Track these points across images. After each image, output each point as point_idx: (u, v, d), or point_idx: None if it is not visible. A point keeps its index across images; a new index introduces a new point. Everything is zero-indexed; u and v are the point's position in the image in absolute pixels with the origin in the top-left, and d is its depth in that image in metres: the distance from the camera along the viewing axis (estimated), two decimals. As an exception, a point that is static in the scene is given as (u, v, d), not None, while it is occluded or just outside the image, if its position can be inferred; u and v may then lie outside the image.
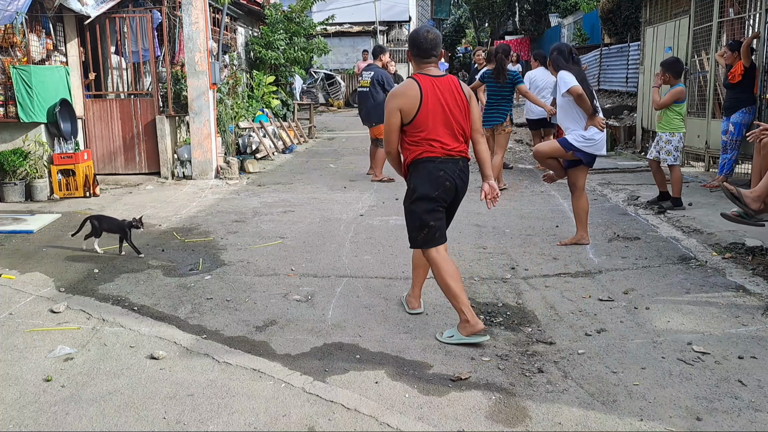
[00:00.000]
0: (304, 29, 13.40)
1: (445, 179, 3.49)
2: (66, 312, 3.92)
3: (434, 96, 3.49)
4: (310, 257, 5.04)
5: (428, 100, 3.47)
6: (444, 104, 3.50)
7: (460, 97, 3.55)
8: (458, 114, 3.53)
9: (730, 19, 8.21)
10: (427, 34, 3.57)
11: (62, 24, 8.25)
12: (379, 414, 2.72)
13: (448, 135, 3.51)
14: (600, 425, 2.64)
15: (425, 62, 3.58)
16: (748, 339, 3.42)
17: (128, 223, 5.11)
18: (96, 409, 2.79)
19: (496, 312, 3.87)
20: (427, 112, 3.48)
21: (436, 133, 3.49)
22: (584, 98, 4.97)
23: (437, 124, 3.49)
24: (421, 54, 3.56)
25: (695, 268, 4.61)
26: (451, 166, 3.51)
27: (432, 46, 3.55)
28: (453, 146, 3.51)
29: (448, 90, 3.53)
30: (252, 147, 10.53)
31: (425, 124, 3.48)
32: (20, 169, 7.52)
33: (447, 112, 3.50)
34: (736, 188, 4.36)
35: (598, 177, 8.55)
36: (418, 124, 3.49)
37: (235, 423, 2.67)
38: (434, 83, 3.51)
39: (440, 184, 3.48)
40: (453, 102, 3.52)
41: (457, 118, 3.52)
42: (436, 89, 3.50)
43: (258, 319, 3.80)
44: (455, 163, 3.52)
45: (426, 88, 3.48)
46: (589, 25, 19.07)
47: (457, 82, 3.60)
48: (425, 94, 3.47)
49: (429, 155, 3.49)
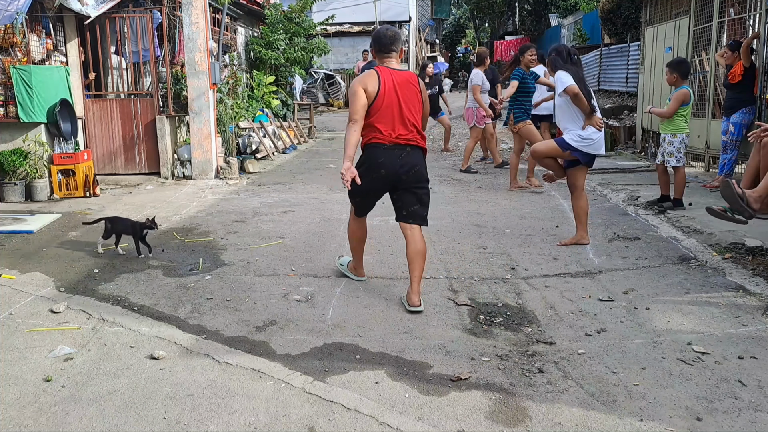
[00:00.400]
0: (304, 29, 13.39)
1: (382, 167, 3.91)
2: (66, 312, 3.92)
3: (390, 86, 3.89)
4: (310, 257, 5.04)
5: (385, 89, 3.88)
6: (398, 95, 3.90)
7: (416, 90, 3.99)
8: (411, 105, 3.94)
9: (730, 19, 8.20)
10: (387, 32, 4.04)
11: (62, 24, 8.26)
12: (379, 414, 2.72)
13: (398, 123, 3.91)
14: (600, 425, 2.64)
15: (386, 56, 4.02)
16: (748, 339, 3.42)
17: (141, 223, 5.09)
18: (96, 409, 2.79)
19: (496, 312, 3.87)
20: (383, 99, 3.88)
21: (387, 120, 3.89)
22: (581, 98, 4.97)
23: (390, 112, 3.89)
24: (381, 49, 4.01)
25: (695, 268, 4.61)
26: (396, 152, 3.91)
27: (391, 41, 3.99)
28: (401, 133, 3.92)
29: (405, 82, 3.95)
30: (252, 147, 10.53)
31: (379, 110, 3.88)
32: (20, 169, 7.52)
33: (400, 101, 3.90)
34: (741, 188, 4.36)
35: (598, 177, 8.55)
36: (373, 109, 3.89)
37: (235, 423, 2.67)
38: (392, 75, 3.93)
39: (376, 171, 3.93)
40: (408, 94, 3.94)
41: (410, 109, 3.94)
42: (393, 81, 3.92)
43: (258, 319, 3.80)
44: (401, 148, 3.92)
45: (384, 78, 3.90)
46: (589, 25, 19.07)
47: (414, 77, 4.03)
48: (383, 83, 3.88)
49: (376, 141, 3.93)
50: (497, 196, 7.47)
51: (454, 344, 3.41)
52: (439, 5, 34.41)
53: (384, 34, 4.04)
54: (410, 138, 3.92)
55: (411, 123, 3.93)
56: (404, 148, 3.91)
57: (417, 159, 3.96)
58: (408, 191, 3.97)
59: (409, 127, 3.92)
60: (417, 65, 27.00)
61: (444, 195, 7.52)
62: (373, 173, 3.92)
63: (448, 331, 3.58)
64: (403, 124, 3.91)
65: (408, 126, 3.92)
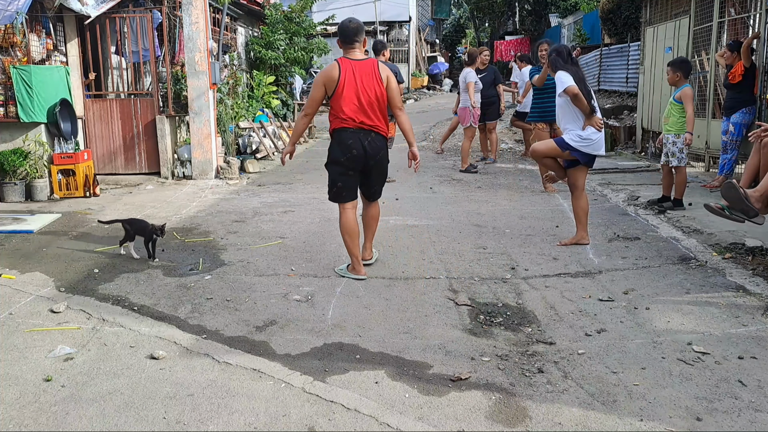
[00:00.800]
0: (304, 29, 13.40)
1: (352, 147, 4.24)
2: (66, 312, 3.92)
3: (351, 76, 4.21)
4: (310, 257, 5.04)
5: (345, 80, 4.21)
6: (359, 84, 4.22)
7: (377, 78, 4.25)
8: (372, 92, 4.24)
9: (730, 19, 8.20)
10: (350, 24, 4.33)
11: (62, 24, 8.26)
12: (379, 414, 2.72)
13: (359, 110, 4.24)
14: (600, 425, 2.64)
15: (349, 47, 4.33)
16: (748, 339, 3.42)
17: (152, 228, 5.01)
18: (96, 408, 2.79)
19: (496, 312, 3.87)
20: (343, 89, 4.22)
21: (350, 108, 4.24)
22: (580, 98, 4.98)
23: (352, 100, 4.23)
24: (345, 41, 4.32)
25: (695, 268, 4.61)
26: (362, 135, 4.25)
27: (353, 33, 4.29)
28: (363, 120, 4.25)
29: (366, 72, 4.25)
30: (252, 147, 10.53)
31: (341, 99, 4.23)
32: (20, 169, 7.52)
33: (361, 90, 4.22)
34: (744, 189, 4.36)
35: (598, 177, 8.54)
36: (336, 98, 4.24)
37: (235, 423, 2.67)
38: (353, 66, 4.25)
39: (347, 151, 4.26)
40: (369, 82, 4.24)
41: (370, 96, 4.24)
42: (354, 71, 4.23)
43: (258, 319, 3.80)
44: (366, 133, 4.26)
45: (345, 69, 4.23)
46: (589, 25, 19.06)
47: (375, 65, 4.29)
48: (343, 74, 4.22)
49: (342, 126, 4.27)
50: (497, 196, 7.47)
51: (454, 344, 3.41)
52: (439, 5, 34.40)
53: (347, 26, 4.32)
54: (372, 125, 4.27)
55: (372, 110, 4.25)
56: (369, 133, 4.27)
57: (382, 144, 4.35)
58: (374, 174, 4.44)
59: (371, 115, 4.25)
60: (417, 65, 27.02)
61: (444, 195, 7.51)
62: (346, 152, 4.26)
63: (448, 331, 3.58)
64: (364, 112, 4.24)
65: (369, 113, 4.25)
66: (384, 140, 4.38)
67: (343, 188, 4.38)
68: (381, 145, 4.34)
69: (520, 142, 12.23)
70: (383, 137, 4.36)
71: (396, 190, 7.69)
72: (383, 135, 4.36)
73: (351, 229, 4.43)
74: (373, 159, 4.31)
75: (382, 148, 4.37)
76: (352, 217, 4.44)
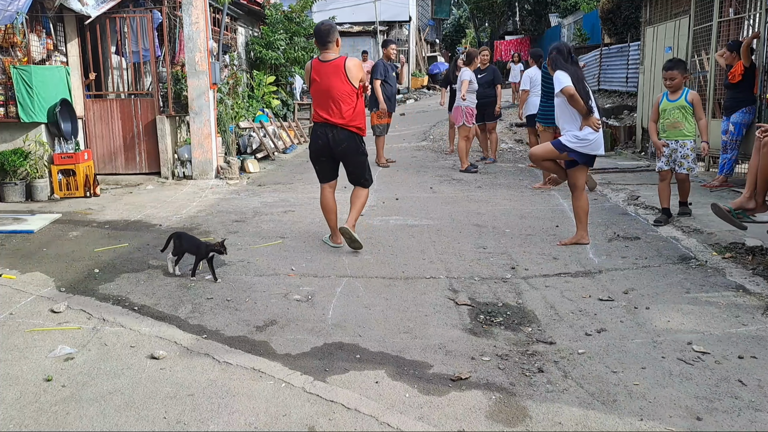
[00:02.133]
0: (304, 29, 13.40)
1: (318, 138, 5.01)
2: (66, 312, 3.93)
3: (317, 76, 4.84)
4: (311, 257, 5.04)
5: (314, 79, 4.85)
6: (323, 83, 4.80)
7: (341, 77, 4.78)
8: (335, 91, 4.79)
9: (729, 19, 8.20)
10: (322, 27, 4.86)
11: (62, 24, 8.26)
12: (380, 414, 2.72)
13: (323, 107, 4.89)
14: (600, 425, 2.64)
15: (324, 48, 4.87)
16: (748, 339, 3.42)
17: (211, 246, 4.56)
18: (96, 408, 2.79)
19: (497, 312, 3.87)
20: (311, 87, 4.95)
21: (317, 104, 4.93)
22: (576, 98, 4.96)
23: (318, 97, 4.90)
24: (319, 41, 4.88)
25: (695, 268, 4.61)
26: (326, 129, 4.93)
27: (325, 34, 4.80)
28: (326, 117, 4.89)
29: (332, 71, 4.79)
30: (252, 147, 10.53)
31: (313, 96, 4.96)
32: (20, 169, 7.52)
33: (325, 89, 4.82)
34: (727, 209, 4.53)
35: (598, 177, 8.54)
36: (311, 95, 5.00)
37: (235, 423, 2.67)
38: (321, 66, 4.83)
39: (315, 141, 5.06)
40: (335, 82, 4.78)
41: (333, 95, 4.80)
42: (321, 71, 4.83)
43: (258, 318, 3.80)
44: (330, 127, 4.91)
45: (315, 69, 4.87)
46: (589, 25, 19.07)
47: (341, 65, 4.79)
48: (313, 73, 4.86)
49: (315, 120, 5.03)
50: (497, 196, 7.47)
51: (454, 344, 3.41)
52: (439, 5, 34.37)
53: (320, 29, 4.86)
54: (333, 121, 4.86)
55: (335, 106, 4.82)
56: (332, 127, 4.89)
57: (343, 136, 4.91)
58: (344, 161, 5.10)
59: (333, 110, 4.84)
60: (417, 65, 27.01)
61: (444, 195, 7.51)
62: (316, 142, 5.05)
63: (448, 331, 3.58)
64: (328, 107, 4.85)
65: (331, 109, 4.84)
66: (347, 134, 4.93)
67: (319, 171, 5.21)
68: (343, 138, 4.92)
69: (520, 142, 12.23)
70: (347, 131, 4.92)
71: (396, 190, 7.69)
72: (348, 130, 4.92)
73: (326, 205, 5.21)
74: (337, 149, 4.96)
75: (344, 139, 4.93)
76: (329, 196, 5.20)
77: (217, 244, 4.56)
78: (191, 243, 4.65)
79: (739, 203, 4.58)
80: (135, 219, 6.47)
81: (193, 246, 4.62)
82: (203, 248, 4.56)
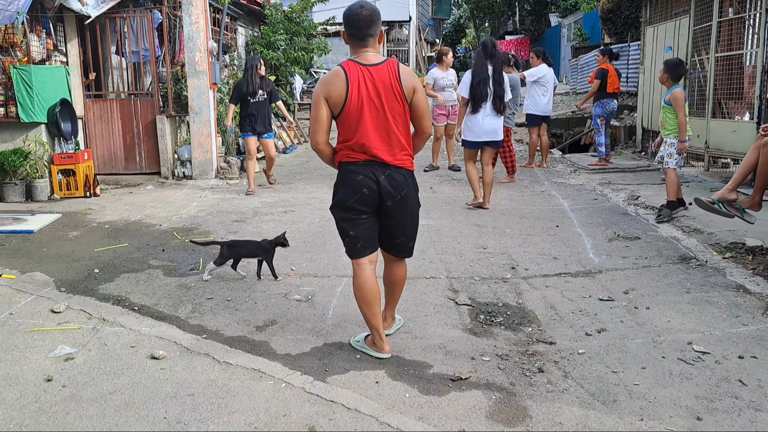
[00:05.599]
0: (304, 29, 13.39)
1: (362, 185, 3.04)
2: (66, 312, 3.92)
3: (363, 88, 2.98)
4: (311, 257, 5.04)
5: (353, 94, 2.97)
6: (374, 99, 2.99)
7: (398, 90, 3.00)
8: (394, 112, 3.03)
9: (729, 19, 8.20)
10: (361, 11, 3.02)
11: (62, 24, 8.26)
12: (380, 414, 2.72)
13: (377, 138, 3.02)
14: (600, 425, 2.64)
15: (360, 45, 3.06)
16: (749, 338, 3.42)
17: (271, 242, 4.36)
18: (96, 408, 2.79)
19: (497, 312, 3.87)
20: (352, 108, 2.99)
21: (362, 135, 3.01)
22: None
23: (364, 123, 3.00)
24: (354, 34, 3.05)
25: (695, 268, 4.61)
26: (377, 169, 3.05)
27: (366, 24, 3.02)
28: (376, 152, 3.02)
29: (384, 81, 2.99)
30: (252, 147, 10.51)
31: (350, 122, 3.02)
32: (20, 169, 7.52)
33: (378, 109, 3.00)
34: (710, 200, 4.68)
35: (598, 177, 8.55)
36: (343, 120, 3.04)
37: (235, 423, 2.67)
38: (365, 72, 2.99)
39: (357, 191, 3.06)
40: (388, 96, 2.99)
41: (391, 118, 3.03)
42: (367, 80, 2.98)
43: (258, 318, 3.80)
44: (382, 166, 3.06)
45: (353, 78, 2.98)
46: (589, 24, 19.07)
47: (395, 70, 3.01)
48: (351, 86, 2.97)
49: (349, 160, 3.08)
50: (497, 195, 7.47)
51: (454, 344, 3.41)
52: (439, 5, 34.38)
53: (357, 13, 3.02)
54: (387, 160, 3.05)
55: (394, 135, 3.05)
56: (384, 167, 3.06)
57: (401, 180, 3.12)
58: (393, 217, 3.18)
59: (392, 141, 3.06)
60: (416, 65, 27.00)
61: (444, 195, 7.51)
62: (355, 193, 3.07)
63: (448, 331, 3.58)
64: (384, 139, 3.04)
65: (384, 140, 3.04)
66: (405, 176, 3.15)
67: (357, 238, 3.17)
68: (401, 183, 3.11)
69: (520, 142, 12.22)
70: (405, 172, 3.14)
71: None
72: (405, 170, 3.15)
73: (369, 292, 3.18)
74: (391, 199, 3.10)
75: (403, 186, 3.12)
76: (371, 277, 3.19)
77: (279, 238, 4.36)
78: (250, 246, 4.43)
79: (721, 195, 4.67)
80: (135, 219, 6.47)
81: (254, 248, 4.38)
82: (267, 247, 4.33)
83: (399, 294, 3.46)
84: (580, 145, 12.60)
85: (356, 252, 3.21)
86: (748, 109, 7.87)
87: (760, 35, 7.30)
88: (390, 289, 3.42)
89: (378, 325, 3.24)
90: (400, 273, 3.38)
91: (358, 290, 3.21)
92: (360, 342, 3.39)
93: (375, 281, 3.23)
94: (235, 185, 8.42)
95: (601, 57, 9.42)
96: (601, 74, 9.06)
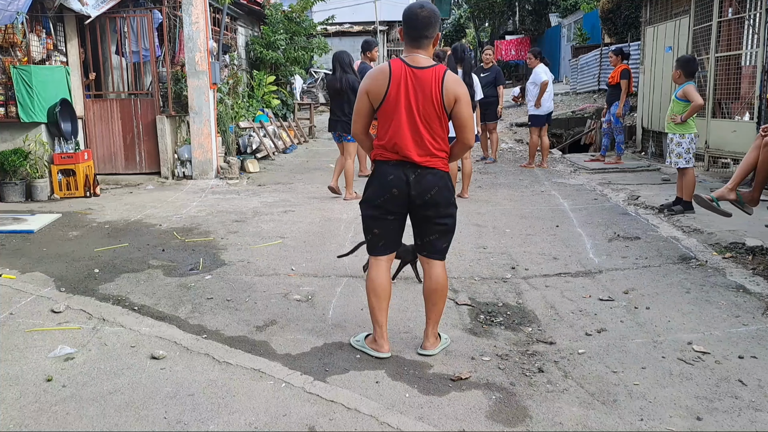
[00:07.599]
0: (304, 29, 13.40)
1: (392, 185, 3.11)
2: (66, 312, 3.92)
3: (403, 89, 3.03)
4: (311, 257, 5.04)
5: (392, 92, 3.04)
6: (412, 101, 3.03)
7: (437, 97, 3.02)
8: (428, 118, 3.06)
9: (729, 18, 8.20)
10: (420, 11, 3.05)
11: (62, 24, 8.26)
12: (380, 414, 2.72)
13: (410, 139, 3.06)
14: (600, 425, 2.64)
15: (413, 46, 3.08)
16: (749, 338, 3.42)
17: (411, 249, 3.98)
18: (96, 408, 2.79)
19: (497, 312, 3.87)
20: (389, 105, 3.06)
21: (394, 134, 3.07)
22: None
23: (398, 123, 3.05)
24: (409, 34, 3.09)
25: (695, 268, 4.61)
26: (408, 169, 3.10)
27: (423, 25, 3.04)
28: (411, 152, 3.07)
29: (425, 85, 3.02)
30: (252, 147, 10.53)
31: (385, 119, 3.10)
32: (20, 169, 7.52)
33: (413, 111, 3.04)
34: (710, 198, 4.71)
35: (598, 177, 8.55)
36: (381, 116, 3.12)
37: (235, 423, 2.67)
38: (409, 73, 3.03)
39: (386, 191, 3.13)
40: (426, 102, 3.03)
41: (422, 122, 3.06)
42: (409, 82, 3.02)
43: (258, 318, 3.80)
44: (413, 166, 3.10)
45: (396, 76, 3.03)
46: (589, 24, 19.07)
47: (440, 77, 3.02)
48: (393, 83, 3.03)
49: (382, 158, 3.17)
50: (497, 195, 7.47)
51: (454, 344, 3.41)
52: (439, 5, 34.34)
53: (416, 13, 3.04)
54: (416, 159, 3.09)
55: (428, 139, 3.08)
56: (414, 167, 3.10)
57: (432, 180, 3.14)
58: (424, 218, 3.23)
59: (425, 144, 3.08)
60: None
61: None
62: (384, 192, 3.14)
63: (449, 331, 3.58)
64: (416, 142, 3.07)
65: (423, 142, 3.08)
66: (437, 176, 3.15)
67: (380, 236, 3.24)
68: (431, 182, 3.13)
69: (521, 142, 12.23)
70: (437, 172, 3.15)
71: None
72: (437, 170, 3.16)
73: (380, 286, 3.24)
74: (421, 198, 3.13)
75: (433, 185, 3.14)
76: (385, 273, 3.29)
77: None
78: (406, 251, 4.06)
79: (721, 194, 4.68)
80: (135, 219, 6.47)
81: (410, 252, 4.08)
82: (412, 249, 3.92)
83: (441, 306, 3.33)
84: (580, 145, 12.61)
85: (376, 249, 3.30)
86: (748, 109, 7.87)
87: (759, 35, 7.30)
88: (431, 299, 3.30)
89: (383, 321, 3.29)
90: (439, 278, 3.29)
91: (370, 282, 3.28)
92: (360, 342, 3.42)
93: (389, 278, 3.33)
94: (235, 185, 8.42)
95: (614, 57, 9.48)
96: (627, 74, 9.13)
